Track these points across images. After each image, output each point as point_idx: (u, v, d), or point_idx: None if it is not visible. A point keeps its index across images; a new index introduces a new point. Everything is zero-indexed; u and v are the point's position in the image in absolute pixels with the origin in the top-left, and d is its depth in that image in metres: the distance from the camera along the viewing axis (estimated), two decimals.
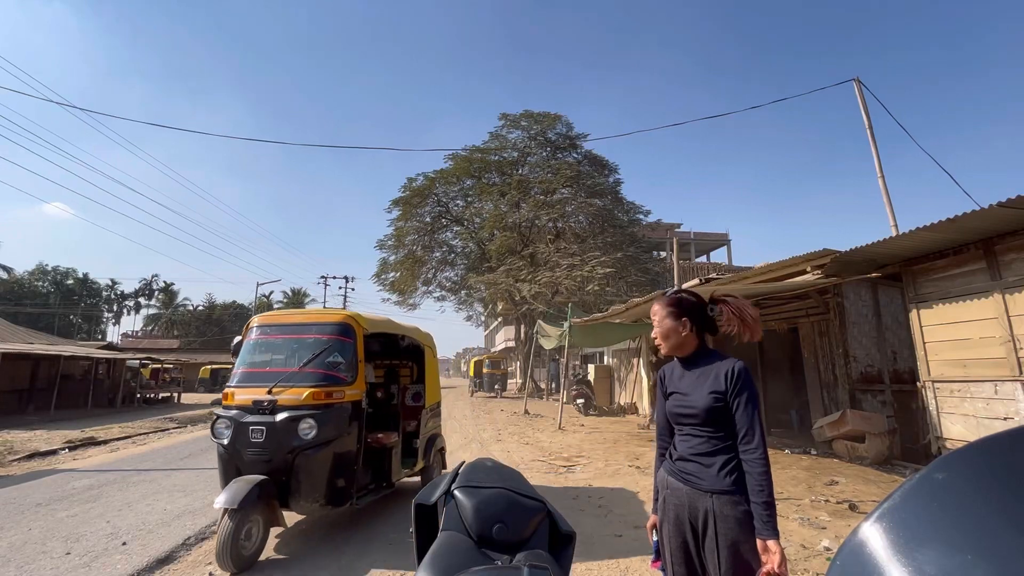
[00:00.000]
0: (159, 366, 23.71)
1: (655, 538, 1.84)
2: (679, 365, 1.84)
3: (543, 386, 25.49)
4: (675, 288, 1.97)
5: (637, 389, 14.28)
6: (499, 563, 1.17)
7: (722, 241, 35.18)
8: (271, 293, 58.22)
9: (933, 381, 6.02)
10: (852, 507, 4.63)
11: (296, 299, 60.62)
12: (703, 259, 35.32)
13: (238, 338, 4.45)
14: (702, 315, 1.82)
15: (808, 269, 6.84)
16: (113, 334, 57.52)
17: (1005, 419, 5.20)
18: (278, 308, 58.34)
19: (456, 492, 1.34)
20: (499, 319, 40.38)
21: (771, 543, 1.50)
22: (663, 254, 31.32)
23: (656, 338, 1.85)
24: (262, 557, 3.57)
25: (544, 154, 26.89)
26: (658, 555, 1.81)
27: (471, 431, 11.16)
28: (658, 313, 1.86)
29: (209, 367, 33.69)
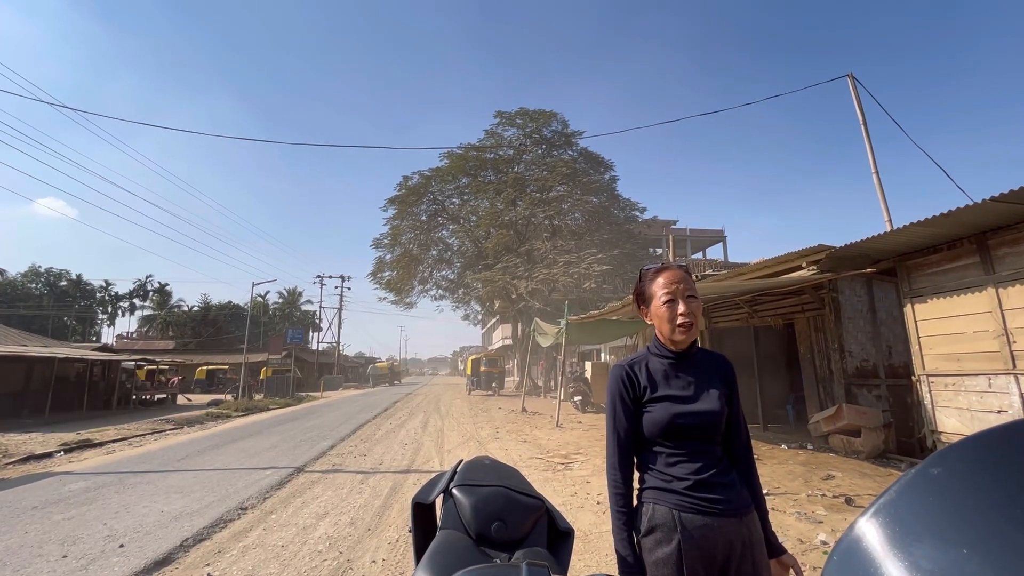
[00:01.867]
0: (154, 367, 23.58)
1: None
2: (660, 362, 1.41)
3: (540, 383, 25.53)
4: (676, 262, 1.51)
5: None
6: (498, 561, 1.17)
7: (718, 238, 35.33)
8: (267, 293, 58.02)
9: (928, 375, 6.07)
10: (848, 501, 4.67)
11: (291, 299, 60.40)
12: (699, 256, 35.45)
13: None
14: None
15: (803, 265, 6.88)
16: (108, 336, 57.19)
17: (999, 412, 5.25)
18: (274, 308, 58.12)
19: (454, 490, 1.34)
20: (496, 317, 40.41)
21: (789, 555, 1.36)
22: (659, 251, 31.40)
23: (687, 318, 1.36)
24: None
25: (540, 151, 26.90)
26: None
27: (469, 429, 11.17)
28: (689, 282, 1.40)
29: (205, 368, 33.55)
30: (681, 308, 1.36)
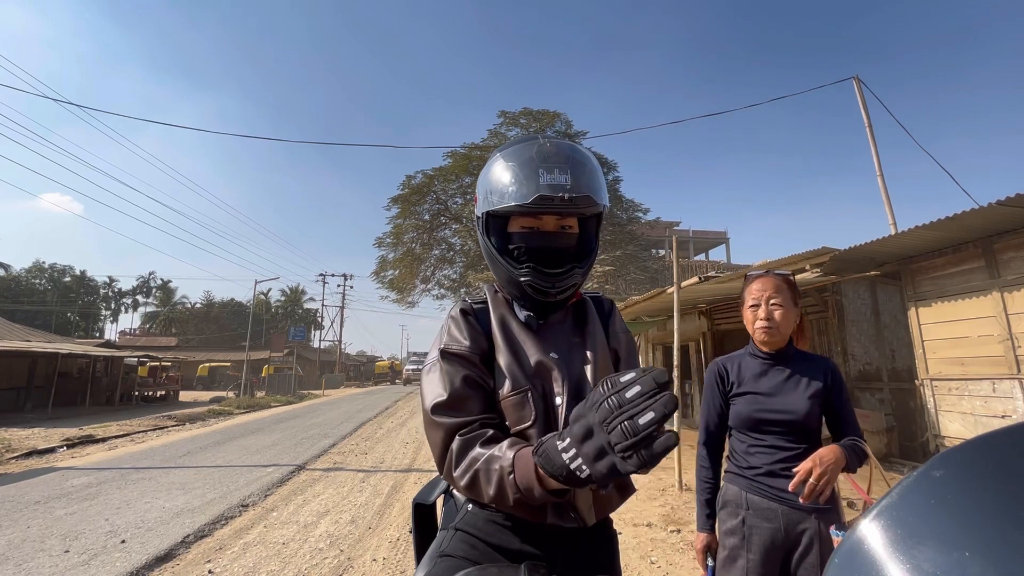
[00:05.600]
0: (157, 364, 23.69)
1: (711, 563, 1.54)
2: (753, 361, 1.55)
3: None
4: (776, 270, 1.63)
5: None
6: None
7: (721, 239, 35.26)
8: (269, 291, 58.11)
9: (931, 379, 6.04)
10: (850, 505, 4.65)
11: (294, 297, 60.53)
12: (701, 257, 35.37)
13: None
14: None
15: (807, 267, 6.86)
16: (111, 332, 57.45)
17: (1003, 417, 5.22)
18: (277, 306, 58.28)
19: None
20: None
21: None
22: (662, 252, 31.35)
23: (767, 322, 1.47)
24: None
25: None
26: None
27: None
28: (780, 290, 1.50)
29: (207, 365, 33.68)
30: (762, 313, 1.50)
